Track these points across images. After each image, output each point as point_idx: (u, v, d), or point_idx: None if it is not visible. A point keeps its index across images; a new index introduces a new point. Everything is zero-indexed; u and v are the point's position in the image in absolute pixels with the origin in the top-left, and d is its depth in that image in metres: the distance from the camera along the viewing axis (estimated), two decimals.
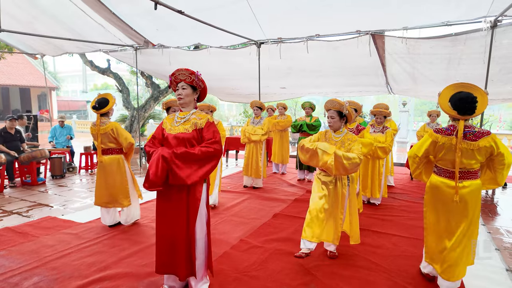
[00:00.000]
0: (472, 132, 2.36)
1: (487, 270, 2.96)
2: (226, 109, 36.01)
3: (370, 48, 5.42)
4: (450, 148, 2.40)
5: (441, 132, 2.47)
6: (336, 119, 3.02)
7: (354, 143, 2.98)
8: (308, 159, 3.00)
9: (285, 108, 7.05)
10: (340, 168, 2.81)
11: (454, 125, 2.43)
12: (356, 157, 2.82)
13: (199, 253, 2.45)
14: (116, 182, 3.88)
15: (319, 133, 3.19)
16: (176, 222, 2.37)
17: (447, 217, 2.48)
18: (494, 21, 4.37)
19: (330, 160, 2.77)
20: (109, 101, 3.86)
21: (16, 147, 6.26)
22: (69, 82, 41.03)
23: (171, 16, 4.75)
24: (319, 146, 2.88)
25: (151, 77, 11.32)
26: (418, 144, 2.65)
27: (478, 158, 2.37)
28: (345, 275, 2.85)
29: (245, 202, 5.09)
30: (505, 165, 2.40)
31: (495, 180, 2.50)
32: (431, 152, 2.56)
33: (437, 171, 2.58)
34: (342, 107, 2.97)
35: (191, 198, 2.37)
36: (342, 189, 3.03)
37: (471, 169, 2.42)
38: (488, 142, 2.33)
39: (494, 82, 5.52)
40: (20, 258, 3.13)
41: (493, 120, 11.94)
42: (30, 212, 4.62)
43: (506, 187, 6.32)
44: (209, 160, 2.35)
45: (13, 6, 5.78)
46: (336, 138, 3.06)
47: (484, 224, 4.20)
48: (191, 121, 2.41)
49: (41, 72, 18.26)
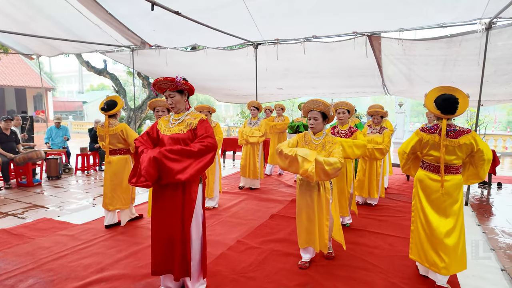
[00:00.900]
0: (454, 130, 2.56)
1: (482, 270, 2.98)
2: (223, 109, 36.00)
3: (366, 49, 5.45)
4: (434, 145, 2.61)
5: (425, 130, 2.68)
6: (319, 121, 2.84)
7: (335, 146, 2.81)
8: (287, 166, 2.76)
9: (283, 109, 7.03)
10: (322, 175, 2.63)
11: (438, 124, 2.62)
12: (338, 162, 2.64)
13: (195, 253, 2.45)
14: (123, 182, 3.97)
15: (297, 135, 2.99)
16: (171, 222, 2.37)
17: (433, 207, 2.67)
18: (489, 23, 4.41)
19: (311, 167, 2.57)
20: (117, 103, 3.95)
21: (12, 148, 6.22)
22: (65, 83, 40.82)
23: (168, 17, 4.75)
24: (298, 153, 2.65)
25: (147, 78, 11.30)
26: (406, 141, 2.87)
27: (458, 154, 2.56)
28: (342, 276, 2.86)
29: (242, 203, 5.09)
30: (485, 161, 2.58)
31: (477, 175, 2.67)
32: (418, 149, 2.77)
33: (423, 166, 2.79)
34: (326, 108, 2.79)
35: (187, 199, 2.36)
36: (326, 194, 2.85)
37: (452, 164, 2.61)
38: (468, 140, 2.52)
39: (489, 84, 5.58)
40: (16, 260, 3.11)
41: (489, 121, 12.02)
42: (26, 213, 4.59)
43: (501, 187, 6.37)
44: (202, 155, 2.31)
45: (9, 5, 5.75)
46: (316, 141, 2.87)
47: (479, 224, 4.23)
48: (186, 122, 2.45)
49: (37, 72, 18.18)
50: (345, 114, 3.85)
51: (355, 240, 3.62)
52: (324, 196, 2.85)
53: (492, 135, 12.03)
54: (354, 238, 3.69)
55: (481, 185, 6.51)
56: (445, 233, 2.57)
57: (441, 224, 2.61)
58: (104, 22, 5.98)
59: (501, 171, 8.14)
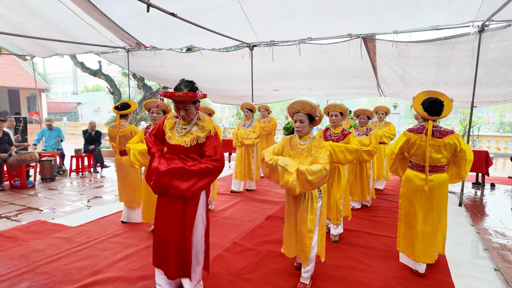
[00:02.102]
0: (439, 131, 2.77)
1: (476, 270, 3.01)
2: (218, 111, 35.93)
3: (361, 51, 5.49)
4: (421, 145, 2.79)
5: (413, 131, 2.88)
6: (306, 124, 2.63)
7: (322, 150, 2.60)
8: (268, 174, 2.56)
9: (267, 110, 6.82)
10: (306, 185, 2.43)
11: (424, 125, 2.83)
12: (322, 169, 2.43)
13: (196, 257, 2.46)
14: (132, 182, 4.11)
15: (283, 140, 2.79)
16: (171, 225, 2.39)
17: (418, 205, 2.88)
18: (482, 25, 4.47)
19: (291, 179, 2.36)
20: (131, 106, 4.22)
21: (4, 149, 6.15)
22: (59, 84, 40.48)
23: (164, 18, 4.74)
24: (279, 162, 2.44)
25: (143, 79, 11.26)
26: (394, 142, 3.05)
27: (444, 153, 2.76)
28: (338, 276, 2.87)
29: (238, 204, 5.09)
30: (467, 160, 2.80)
31: (459, 174, 2.89)
32: (405, 149, 2.94)
33: (411, 166, 2.97)
34: (313, 110, 2.59)
35: (189, 203, 2.37)
36: (313, 202, 2.63)
37: (439, 163, 2.81)
38: (452, 140, 2.73)
39: (482, 85, 5.65)
40: (9, 263, 3.07)
41: (482, 122, 12.16)
42: (20, 216, 4.54)
43: (494, 187, 6.44)
44: (207, 175, 2.34)
45: (2, 6, 5.69)
46: (302, 146, 2.67)
47: (473, 224, 4.28)
48: (193, 134, 2.35)
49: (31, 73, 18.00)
50: (338, 116, 3.72)
51: (351, 241, 3.64)
52: (311, 205, 2.62)
53: (485, 136, 12.16)
54: (350, 238, 3.71)
55: (474, 185, 6.58)
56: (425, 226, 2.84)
57: (425, 219, 2.85)
58: (98, 23, 5.95)
59: (494, 172, 8.23)
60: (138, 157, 3.48)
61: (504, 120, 24.20)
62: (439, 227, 2.90)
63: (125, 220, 4.20)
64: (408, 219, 2.96)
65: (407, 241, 2.96)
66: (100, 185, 6.50)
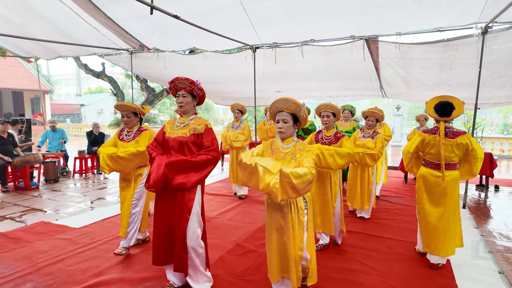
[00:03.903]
0: (452, 131, 3.01)
1: (480, 273, 3.00)
2: (221, 112, 36.02)
3: (364, 53, 5.48)
4: (435, 144, 3.03)
5: (428, 132, 3.13)
6: (290, 124, 2.34)
7: (308, 153, 2.31)
8: (246, 179, 2.23)
9: None
10: (289, 191, 2.08)
11: (438, 126, 3.06)
12: (308, 172, 2.12)
13: (196, 248, 2.53)
14: None
15: (263, 143, 2.49)
16: (171, 219, 2.51)
17: (431, 200, 3.11)
18: (485, 27, 4.45)
19: (273, 181, 2.03)
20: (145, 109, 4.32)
21: (8, 151, 6.19)
22: (62, 85, 40.71)
23: (167, 20, 4.75)
24: (259, 162, 2.12)
25: (146, 81, 11.31)
26: (410, 142, 3.28)
27: (456, 152, 3.00)
28: (340, 279, 2.86)
29: (240, 206, 5.10)
30: (477, 158, 3.02)
31: (471, 171, 3.10)
32: (420, 148, 3.19)
33: (425, 164, 3.20)
34: (298, 109, 2.30)
35: (185, 197, 2.49)
36: (299, 215, 2.32)
37: (452, 161, 3.04)
38: (464, 140, 2.96)
39: (485, 87, 5.61)
40: (13, 264, 3.09)
41: (485, 123, 12.10)
42: (24, 217, 4.57)
43: (498, 190, 6.40)
44: (206, 166, 2.52)
45: (6, 9, 5.74)
46: (285, 149, 2.36)
47: (477, 227, 4.25)
48: (190, 126, 2.58)
49: (35, 75, 18.11)
50: (330, 117, 3.41)
51: (353, 243, 3.63)
52: (297, 218, 2.31)
53: (489, 138, 12.10)
54: (352, 241, 3.70)
55: (478, 187, 6.55)
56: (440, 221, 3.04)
57: (437, 214, 3.06)
58: (102, 25, 5.98)
59: (498, 174, 8.18)
60: (108, 162, 3.15)
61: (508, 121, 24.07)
62: (455, 221, 3.08)
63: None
64: (424, 213, 3.16)
65: (423, 233, 3.19)
66: (103, 187, 6.53)
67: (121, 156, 3.11)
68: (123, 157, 3.12)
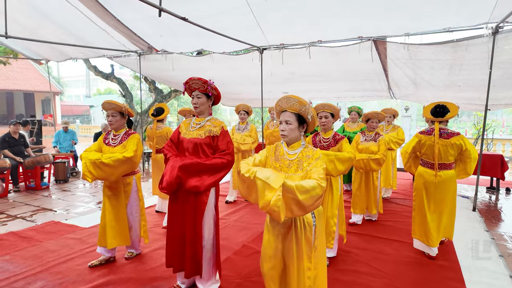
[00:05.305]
0: (446, 132, 3.22)
1: (490, 277, 2.95)
2: (228, 113, 36.08)
3: (372, 54, 5.45)
4: (430, 144, 3.24)
5: (423, 133, 3.35)
6: (293, 126, 2.00)
7: (317, 162, 1.94)
8: (245, 192, 1.93)
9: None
10: (294, 208, 1.77)
11: (433, 127, 3.26)
12: (317, 186, 1.77)
13: (206, 252, 2.53)
14: None
15: (267, 148, 2.15)
16: (184, 222, 2.49)
17: (427, 196, 3.33)
18: (496, 27, 4.39)
19: (275, 198, 1.69)
20: (164, 110, 4.67)
21: (20, 151, 6.31)
22: (72, 87, 41.31)
23: (175, 22, 4.80)
24: (258, 175, 1.77)
25: (154, 82, 11.40)
26: (407, 143, 3.50)
27: (451, 152, 3.20)
28: (347, 281, 2.85)
29: (248, 207, 5.10)
30: (471, 158, 3.21)
31: (465, 170, 3.29)
32: (417, 149, 3.41)
33: (422, 163, 3.43)
34: (303, 108, 1.97)
35: (199, 200, 2.47)
36: (306, 232, 1.94)
37: (447, 161, 3.24)
38: (457, 140, 3.16)
39: (496, 88, 5.53)
40: (24, 262, 3.15)
41: (496, 125, 11.90)
42: (34, 216, 4.65)
43: (509, 192, 6.29)
44: (220, 169, 2.48)
45: (18, 13, 5.86)
46: (290, 156, 2.01)
47: (487, 230, 4.18)
48: (206, 128, 2.54)
49: (46, 77, 18.43)
50: (328, 118, 3.14)
51: (360, 245, 3.61)
52: (304, 236, 1.94)
53: (500, 139, 11.89)
54: (360, 243, 3.68)
55: (489, 190, 6.44)
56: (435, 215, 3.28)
57: (435, 209, 3.29)
58: (111, 28, 6.07)
59: (510, 176, 8.04)
60: (90, 168, 2.79)
61: None
62: (448, 215, 3.32)
63: (159, 210, 4.74)
64: (420, 209, 3.37)
65: (420, 228, 3.36)
66: None
67: (106, 162, 2.79)
68: (108, 164, 2.79)
